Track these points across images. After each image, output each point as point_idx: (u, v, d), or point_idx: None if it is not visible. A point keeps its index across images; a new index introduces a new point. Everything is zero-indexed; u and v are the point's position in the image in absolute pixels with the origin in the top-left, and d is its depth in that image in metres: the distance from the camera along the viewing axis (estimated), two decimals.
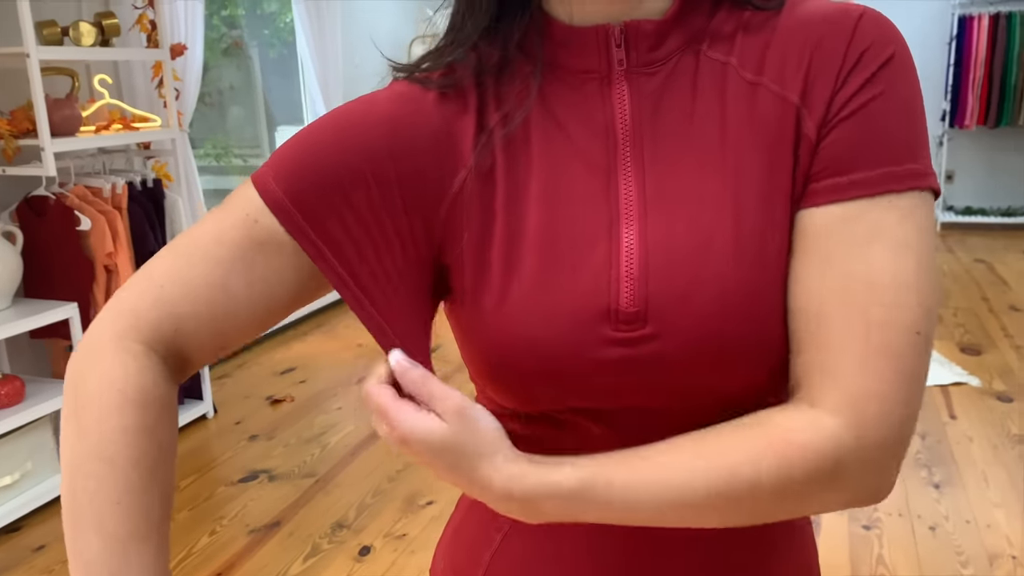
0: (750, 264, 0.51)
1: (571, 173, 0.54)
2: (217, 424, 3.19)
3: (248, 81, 5.04)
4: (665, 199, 0.53)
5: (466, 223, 0.56)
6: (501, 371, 0.55)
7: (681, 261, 0.51)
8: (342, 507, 2.54)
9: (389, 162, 0.55)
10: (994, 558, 2.15)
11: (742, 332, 0.50)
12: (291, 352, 3.98)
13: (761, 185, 0.51)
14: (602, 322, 0.52)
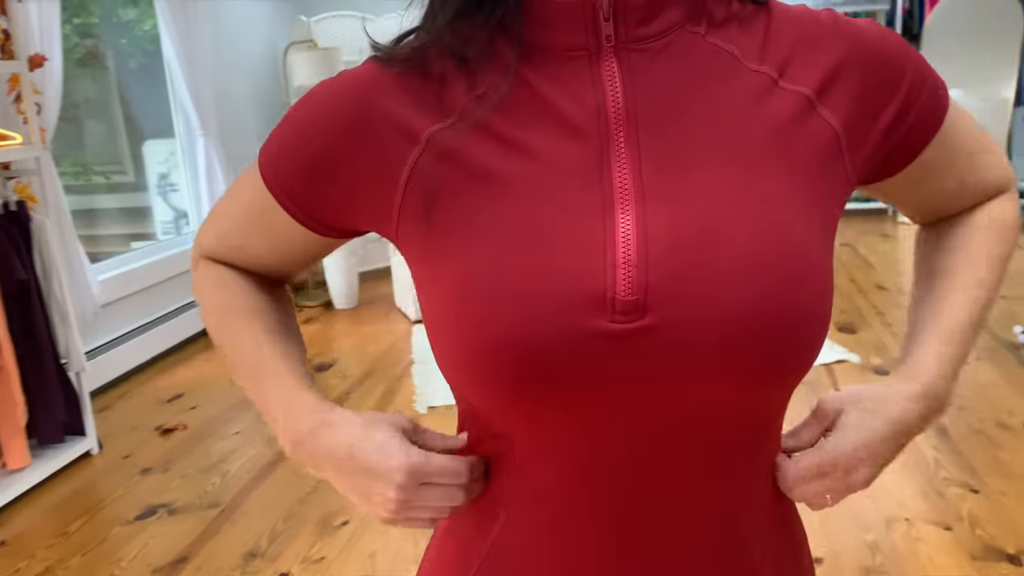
0: (769, 256, 0.49)
1: (559, 156, 0.52)
2: (104, 460, 2.98)
3: (106, 94, 4.74)
4: (666, 184, 0.51)
5: (425, 197, 0.54)
6: (477, 365, 0.51)
7: (687, 249, 0.49)
8: (252, 536, 2.42)
9: (347, 141, 0.57)
10: (890, 522, 2.30)
11: (756, 331, 0.49)
12: (176, 378, 3.77)
13: (786, 179, 0.51)
14: (596, 311, 0.49)
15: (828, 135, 0.54)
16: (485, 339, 0.50)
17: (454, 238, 0.53)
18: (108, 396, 3.59)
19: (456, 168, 0.54)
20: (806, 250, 0.51)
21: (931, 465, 2.59)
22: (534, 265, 0.50)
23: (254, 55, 5.07)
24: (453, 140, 0.54)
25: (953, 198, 0.65)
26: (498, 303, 0.50)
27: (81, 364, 2.94)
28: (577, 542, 0.56)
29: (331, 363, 3.83)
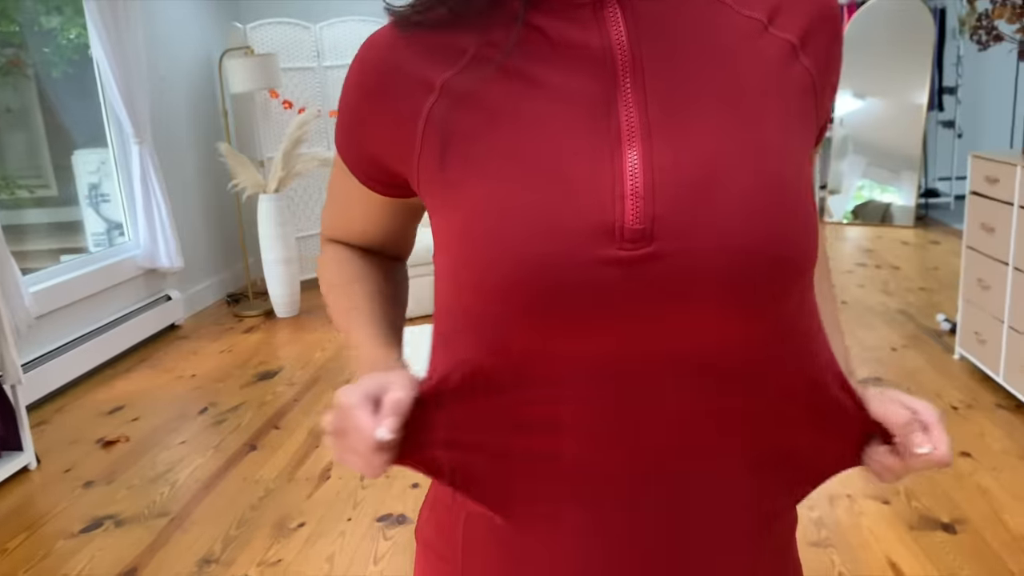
0: (768, 186, 0.54)
1: (568, 96, 0.55)
2: (42, 475, 2.88)
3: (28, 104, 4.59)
4: (671, 122, 0.55)
5: (437, 146, 0.58)
6: (492, 296, 0.54)
7: (691, 183, 0.53)
8: (206, 542, 2.38)
9: (372, 101, 0.61)
10: (834, 498, 2.40)
11: (755, 260, 0.52)
12: (115, 391, 3.67)
13: (773, 112, 0.56)
14: (605, 239, 0.52)
15: (807, 81, 0.59)
16: (504, 268, 0.53)
17: (469, 178, 0.56)
18: (45, 410, 3.47)
19: (469, 111, 0.57)
20: (798, 186, 0.56)
21: None
22: (547, 198, 0.53)
23: (189, 62, 4.99)
24: (465, 85, 0.57)
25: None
26: (513, 234, 0.53)
27: (17, 377, 2.85)
28: (589, 459, 0.58)
29: (277, 371, 3.78)
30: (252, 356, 4.02)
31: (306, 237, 5.17)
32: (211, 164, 5.11)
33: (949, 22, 6.28)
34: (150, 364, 4.01)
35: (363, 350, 0.66)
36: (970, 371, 3.23)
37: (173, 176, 4.74)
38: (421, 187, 0.60)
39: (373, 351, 0.66)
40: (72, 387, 3.72)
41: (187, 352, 4.16)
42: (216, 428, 3.19)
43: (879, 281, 4.61)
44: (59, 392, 3.65)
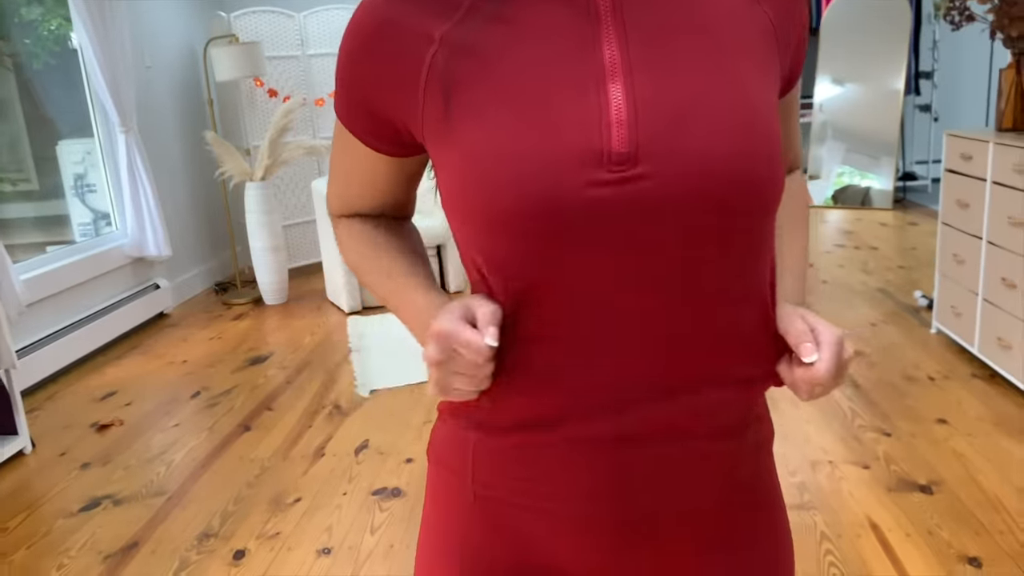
0: (740, 116, 0.60)
1: (557, 38, 0.61)
2: (38, 459, 2.91)
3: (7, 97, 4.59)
4: (650, 59, 0.61)
5: (440, 92, 0.62)
6: (506, 226, 0.59)
7: (670, 111, 0.59)
8: (204, 518, 2.42)
9: (371, 61, 0.65)
10: (815, 464, 2.48)
11: (729, 180, 0.58)
12: (107, 377, 3.69)
13: (740, 51, 0.62)
14: (594, 163, 0.58)
15: (767, 24, 0.65)
16: (505, 201, 0.59)
17: (469, 123, 0.61)
18: (37, 397, 3.49)
19: (468, 59, 0.62)
20: (767, 115, 0.62)
21: (848, 415, 2.79)
22: (540, 132, 0.59)
23: (174, 50, 4.99)
24: (463, 35, 0.62)
25: (785, 152, 0.80)
26: (511, 169, 0.59)
27: (11, 360, 2.87)
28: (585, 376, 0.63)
29: (267, 355, 3.82)
30: (242, 342, 4.06)
31: (293, 225, 5.20)
32: (197, 153, 5.13)
33: (925, 7, 6.39)
34: (141, 351, 4.04)
35: (416, 304, 0.71)
36: (946, 344, 3.33)
37: (160, 165, 4.76)
38: (426, 137, 0.65)
39: (426, 299, 0.70)
40: (64, 374, 3.75)
41: (177, 339, 4.19)
42: (209, 411, 3.22)
43: (858, 261, 4.70)
44: (51, 379, 3.67)
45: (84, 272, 4.01)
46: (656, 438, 0.65)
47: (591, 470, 0.66)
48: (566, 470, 0.66)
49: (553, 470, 0.67)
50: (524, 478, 0.68)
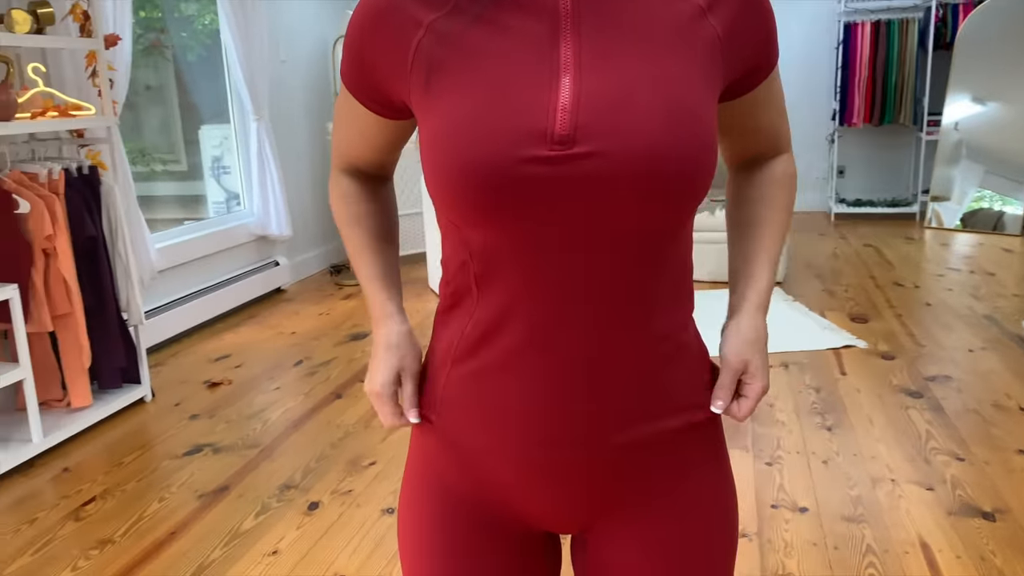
0: (666, 111, 0.70)
1: (521, 36, 0.73)
2: (155, 407, 3.26)
3: (165, 84, 5.06)
4: (598, 60, 0.72)
5: (423, 71, 0.75)
6: (457, 184, 0.71)
7: (607, 101, 0.70)
8: (288, 471, 2.66)
9: (374, 37, 0.78)
10: (876, 481, 2.45)
11: (656, 165, 0.69)
12: (224, 342, 4.05)
13: (680, 57, 0.72)
14: (539, 142, 0.69)
15: (713, 36, 0.75)
16: (463, 163, 0.71)
17: (442, 97, 0.74)
18: (161, 354, 3.88)
19: (448, 47, 0.75)
20: (695, 109, 0.72)
21: (922, 436, 2.73)
22: (496, 112, 0.71)
23: (306, 46, 5.37)
24: (447, 26, 0.75)
25: (763, 140, 0.88)
26: (473, 137, 0.71)
27: (140, 318, 3.23)
28: (527, 316, 0.76)
29: (367, 333, 4.08)
30: (347, 319, 4.34)
31: (402, 216, 5.47)
32: (322, 143, 5.49)
33: None
34: (256, 321, 4.39)
35: (372, 300, 0.91)
36: None
37: (286, 152, 5.13)
38: (412, 104, 0.78)
39: (375, 299, 0.90)
40: (187, 336, 4.13)
41: (289, 312, 4.53)
42: (308, 378, 3.50)
43: (970, 286, 4.50)
44: (175, 339, 4.06)
45: (212, 245, 4.40)
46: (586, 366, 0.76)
47: (531, 389, 0.77)
48: (508, 392, 0.78)
49: (498, 391, 0.79)
50: (474, 404, 0.80)
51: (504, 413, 0.79)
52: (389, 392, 0.86)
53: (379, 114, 0.84)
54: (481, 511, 0.85)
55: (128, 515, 2.43)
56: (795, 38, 6.69)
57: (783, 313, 4.10)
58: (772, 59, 0.82)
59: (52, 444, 2.85)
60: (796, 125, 6.86)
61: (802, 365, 3.44)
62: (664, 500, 0.83)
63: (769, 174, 0.90)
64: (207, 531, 2.32)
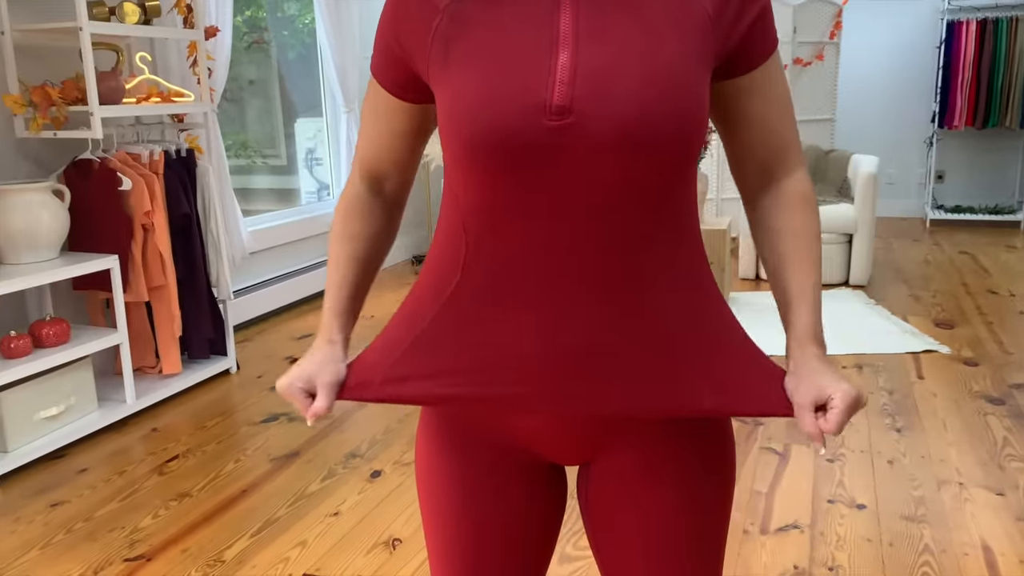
0: (657, 84, 0.75)
1: (525, 13, 0.80)
2: (240, 378, 3.45)
3: (267, 79, 5.33)
4: (595, 34, 0.77)
5: (441, 49, 0.82)
6: (465, 147, 0.78)
7: (603, 74, 0.76)
8: (355, 441, 2.79)
9: (398, 25, 0.86)
10: (942, 483, 2.38)
11: (646, 131, 0.74)
12: (307, 322, 4.24)
13: (669, 32, 0.77)
14: (539, 112, 0.76)
15: (704, 14, 0.79)
16: (471, 130, 0.78)
17: (455, 71, 0.81)
18: (249, 331, 4.10)
19: (461, 26, 0.82)
20: (685, 79, 0.76)
21: (998, 443, 2.63)
22: (503, 84, 0.77)
23: None
24: (460, 8, 0.82)
25: (768, 142, 0.88)
26: (479, 107, 0.77)
27: (228, 293, 3.42)
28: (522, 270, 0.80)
29: None
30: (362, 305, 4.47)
31: None
32: None
33: None
34: None
35: (324, 319, 0.94)
36: None
37: None
38: (431, 80, 0.85)
39: (328, 325, 0.93)
40: (274, 315, 4.35)
41: (371, 297, 4.69)
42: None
43: None
44: (263, 318, 4.28)
45: (300, 231, 4.61)
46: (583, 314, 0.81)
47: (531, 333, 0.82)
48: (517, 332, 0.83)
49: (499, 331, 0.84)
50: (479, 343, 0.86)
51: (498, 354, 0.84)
52: (293, 391, 0.89)
53: (403, 98, 0.90)
54: (488, 441, 0.91)
55: (206, 472, 2.59)
56: (893, 38, 6.47)
57: (862, 316, 3.99)
58: (768, 43, 0.84)
59: (143, 406, 3.06)
60: (892, 128, 6.63)
61: (877, 368, 3.35)
62: (663, 431, 0.87)
63: (784, 200, 0.89)
64: (276, 491, 2.46)
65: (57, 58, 3.08)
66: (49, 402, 2.74)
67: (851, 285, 4.62)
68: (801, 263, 0.88)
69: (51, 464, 2.68)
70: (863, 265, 4.56)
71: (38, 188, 2.78)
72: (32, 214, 2.74)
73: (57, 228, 2.81)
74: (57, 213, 2.81)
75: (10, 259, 2.77)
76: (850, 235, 4.62)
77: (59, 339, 2.76)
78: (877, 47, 6.53)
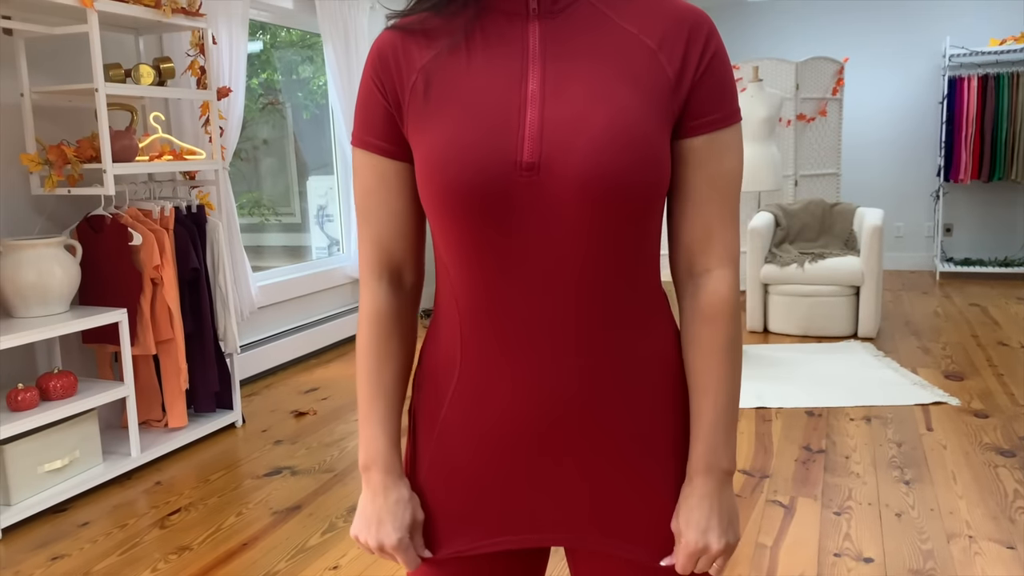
0: (617, 138, 0.78)
1: (496, 73, 0.83)
2: (245, 432, 3.46)
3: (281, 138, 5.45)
4: (559, 93, 0.81)
5: (419, 105, 0.86)
6: (440, 199, 0.81)
7: (567, 130, 0.79)
8: (358, 494, 2.77)
9: (379, 84, 0.89)
10: (952, 536, 2.34)
11: (608, 183, 0.78)
12: (314, 376, 4.26)
13: (629, 90, 0.81)
14: (511, 169, 0.80)
15: (663, 73, 0.83)
16: (444, 182, 0.81)
17: (430, 127, 0.84)
18: (256, 385, 4.11)
19: (436, 84, 0.85)
20: (644, 134, 0.79)
21: (1009, 495, 2.58)
22: (475, 139, 0.81)
23: None
24: (436, 67, 0.86)
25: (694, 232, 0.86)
26: (453, 160, 0.81)
27: (235, 347, 3.45)
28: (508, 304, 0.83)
29: None
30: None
31: None
32: None
33: None
34: (346, 359, 4.59)
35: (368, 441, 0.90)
36: None
37: None
38: (409, 134, 0.87)
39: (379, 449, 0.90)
40: (282, 369, 4.36)
41: None
42: None
43: None
44: (271, 372, 4.30)
45: (309, 286, 4.66)
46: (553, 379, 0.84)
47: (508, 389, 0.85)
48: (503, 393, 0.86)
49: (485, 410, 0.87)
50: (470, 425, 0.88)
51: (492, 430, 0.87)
52: (409, 543, 0.89)
53: (391, 156, 0.89)
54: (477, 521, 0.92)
55: (208, 526, 2.58)
56: (896, 93, 6.56)
57: (871, 368, 3.97)
58: (720, 112, 0.84)
59: (148, 460, 3.07)
60: (900, 181, 6.68)
61: (885, 419, 3.32)
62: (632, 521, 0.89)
63: (697, 304, 0.87)
64: (276, 544, 2.44)
65: (73, 117, 3.18)
66: (54, 455, 2.76)
67: (859, 337, 4.60)
68: (705, 385, 0.86)
69: (53, 517, 2.68)
70: (871, 317, 4.54)
71: (51, 243, 2.84)
72: (44, 268, 2.80)
73: (68, 282, 2.87)
74: (69, 268, 2.87)
75: (21, 312, 2.81)
76: (857, 287, 4.62)
77: (66, 392, 2.79)
78: (880, 102, 6.62)
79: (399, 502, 0.89)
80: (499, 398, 0.86)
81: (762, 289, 4.82)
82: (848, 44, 6.63)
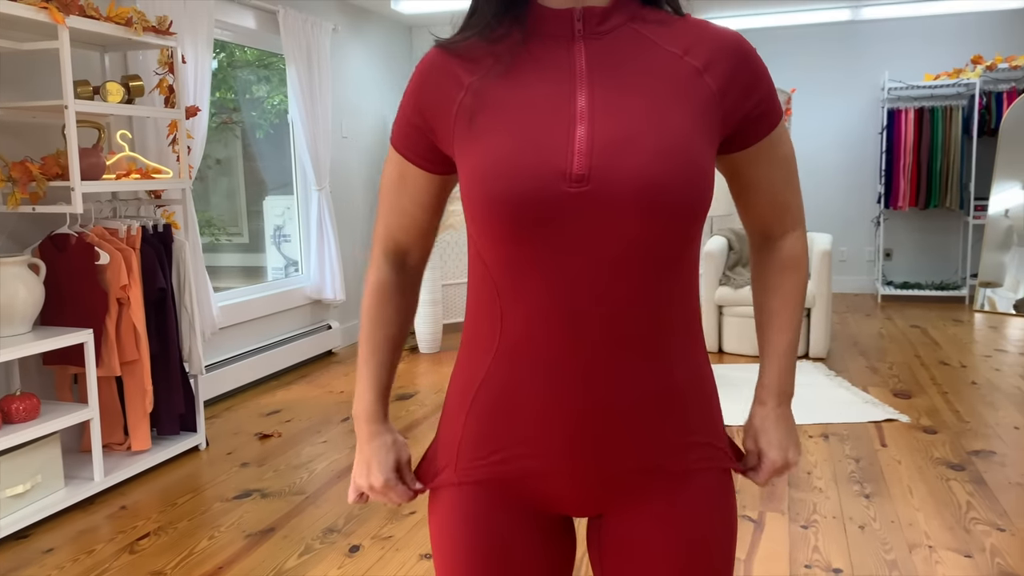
0: (665, 153, 0.83)
1: (544, 92, 0.88)
2: (209, 455, 3.40)
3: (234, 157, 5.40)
4: (606, 111, 0.86)
5: (466, 121, 0.90)
6: (491, 212, 0.85)
7: (616, 146, 0.84)
8: (332, 516, 2.76)
9: (424, 98, 0.93)
10: (913, 547, 2.44)
11: (656, 196, 0.82)
12: (276, 398, 4.21)
13: (678, 107, 0.86)
14: (561, 180, 0.83)
15: (708, 92, 0.88)
16: (496, 195, 0.84)
17: (479, 143, 0.88)
18: (217, 407, 4.04)
19: (484, 102, 0.89)
20: (690, 151, 0.84)
21: (962, 507, 2.71)
22: (527, 154, 0.85)
23: (366, 124, 5.70)
24: (483, 85, 0.90)
25: (771, 206, 0.98)
26: (505, 175, 0.85)
27: (200, 368, 3.40)
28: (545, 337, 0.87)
29: (413, 394, 4.20)
30: (395, 381, 4.47)
31: (451, 285, 5.65)
32: None
33: None
34: (307, 380, 4.55)
35: (361, 395, 1.01)
36: None
37: (344, 221, 5.39)
38: (454, 152, 0.92)
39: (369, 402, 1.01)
40: (242, 391, 4.30)
41: (339, 373, 4.68)
42: (353, 433, 3.61)
43: (1019, 367, 4.45)
44: (231, 394, 4.23)
45: (269, 307, 4.62)
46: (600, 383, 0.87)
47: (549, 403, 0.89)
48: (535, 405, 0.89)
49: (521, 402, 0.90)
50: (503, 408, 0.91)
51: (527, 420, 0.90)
52: (395, 481, 0.99)
53: (424, 168, 0.96)
54: (504, 497, 0.95)
55: (179, 550, 2.54)
56: (840, 123, 6.84)
57: (824, 387, 4.11)
58: (772, 118, 0.93)
59: (111, 484, 3.00)
60: (842, 207, 6.94)
61: (842, 436, 3.44)
62: (674, 487, 0.92)
63: (777, 258, 1.00)
64: (252, 568, 2.41)
65: (37, 134, 3.12)
66: (15, 480, 2.67)
67: (811, 357, 4.75)
68: (780, 323, 0.99)
69: (16, 544, 2.60)
70: (822, 338, 4.71)
71: (14, 262, 2.77)
72: (8, 288, 2.73)
73: (32, 302, 2.80)
74: (33, 287, 2.80)
75: None
76: (808, 309, 4.79)
77: (29, 415, 2.72)
78: (826, 132, 6.88)
79: (383, 446, 0.99)
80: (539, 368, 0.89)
81: (717, 311, 4.96)
82: (795, 76, 6.89)
